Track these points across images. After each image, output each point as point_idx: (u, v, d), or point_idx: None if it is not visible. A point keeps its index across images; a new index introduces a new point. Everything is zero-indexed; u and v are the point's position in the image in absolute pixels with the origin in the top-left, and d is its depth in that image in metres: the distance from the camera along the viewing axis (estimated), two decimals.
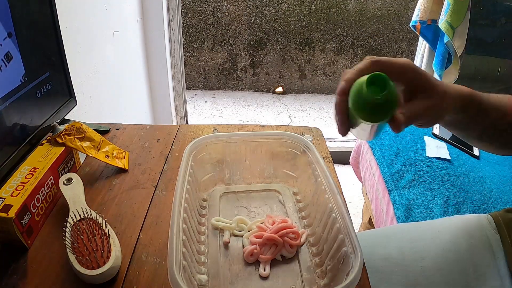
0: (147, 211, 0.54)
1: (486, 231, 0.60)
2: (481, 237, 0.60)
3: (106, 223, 0.46)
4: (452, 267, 0.58)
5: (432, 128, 1.19)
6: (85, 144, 0.59)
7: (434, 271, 0.58)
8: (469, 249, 0.59)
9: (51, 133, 0.59)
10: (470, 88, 0.46)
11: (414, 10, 1.54)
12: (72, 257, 0.41)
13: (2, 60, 0.49)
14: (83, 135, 0.59)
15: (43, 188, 0.50)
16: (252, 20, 2.67)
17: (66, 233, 0.43)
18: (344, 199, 0.49)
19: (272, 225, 0.49)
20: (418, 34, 1.55)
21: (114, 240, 0.45)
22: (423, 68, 1.61)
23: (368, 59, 0.41)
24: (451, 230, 0.63)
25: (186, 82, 1.92)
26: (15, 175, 0.49)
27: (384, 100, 0.36)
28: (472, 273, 0.56)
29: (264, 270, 0.45)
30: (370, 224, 1.24)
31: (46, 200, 0.51)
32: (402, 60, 0.41)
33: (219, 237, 0.50)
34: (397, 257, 0.60)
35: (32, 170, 0.50)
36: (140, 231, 0.50)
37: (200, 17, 2.67)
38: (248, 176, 0.60)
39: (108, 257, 0.42)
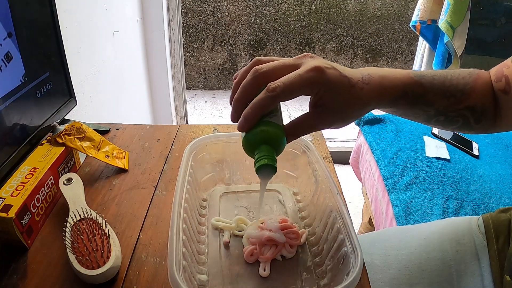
0: (147, 211, 0.54)
1: (474, 237, 0.59)
2: (468, 243, 0.58)
3: (106, 223, 0.46)
4: (436, 276, 0.56)
5: (432, 128, 1.19)
6: (85, 144, 0.59)
7: (419, 279, 0.57)
8: (455, 256, 0.57)
9: (51, 133, 0.59)
10: (413, 78, 0.44)
11: (414, 10, 1.54)
12: (72, 257, 0.41)
13: (2, 60, 0.49)
14: (83, 135, 0.59)
15: (43, 188, 0.50)
16: (252, 20, 2.67)
17: (66, 233, 0.43)
18: (344, 199, 0.49)
19: None
20: (418, 34, 1.55)
21: (114, 240, 0.45)
22: (423, 69, 1.61)
23: (252, 73, 0.40)
24: (438, 236, 0.61)
25: (186, 82, 1.92)
26: (15, 175, 0.49)
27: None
28: (456, 283, 0.55)
29: (264, 270, 0.45)
30: (370, 224, 1.24)
31: (46, 200, 0.51)
32: (306, 80, 0.38)
33: (219, 237, 0.50)
34: (381, 265, 0.60)
35: (32, 170, 0.50)
36: (140, 231, 0.50)
37: (200, 17, 2.67)
38: (248, 176, 0.60)
39: (108, 257, 0.42)
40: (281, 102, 0.42)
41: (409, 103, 0.44)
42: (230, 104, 0.42)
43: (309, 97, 0.42)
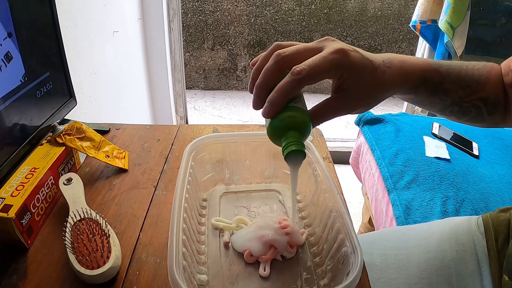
0: (147, 211, 0.54)
1: (474, 237, 0.58)
2: (468, 243, 0.58)
3: (106, 223, 0.46)
4: (435, 276, 0.56)
5: (432, 128, 1.19)
6: (85, 144, 0.59)
7: (418, 279, 0.57)
8: (454, 256, 0.57)
9: (51, 133, 0.59)
10: (432, 66, 0.44)
11: (414, 10, 1.54)
12: (72, 257, 0.41)
13: (2, 60, 0.49)
14: (83, 135, 0.59)
15: (43, 188, 0.50)
16: (252, 20, 2.67)
17: (66, 233, 0.43)
18: (344, 199, 0.49)
19: None
20: (418, 34, 1.55)
21: (114, 240, 0.45)
22: None
23: (274, 57, 0.38)
24: (438, 236, 0.61)
25: (186, 82, 1.92)
26: (15, 175, 0.49)
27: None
28: (455, 283, 0.55)
29: (264, 270, 0.45)
30: (370, 224, 1.24)
31: (46, 200, 0.51)
32: (330, 62, 0.37)
33: (219, 237, 0.50)
34: (381, 265, 0.60)
35: (32, 170, 0.50)
36: (140, 231, 0.50)
37: (200, 17, 2.67)
38: (248, 176, 0.60)
39: (108, 257, 0.42)
40: None
41: (428, 91, 0.44)
42: (250, 91, 0.41)
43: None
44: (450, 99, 0.45)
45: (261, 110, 0.39)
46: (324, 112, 0.40)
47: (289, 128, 0.39)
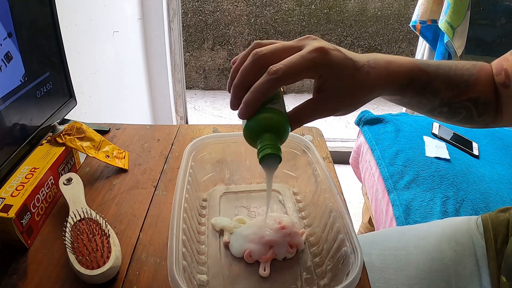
0: (147, 211, 0.54)
1: (473, 237, 0.58)
2: (467, 243, 0.58)
3: (106, 223, 0.46)
4: (435, 276, 0.56)
5: (432, 128, 1.19)
6: (85, 144, 0.59)
7: (417, 280, 0.56)
8: (453, 257, 0.57)
9: (51, 133, 0.59)
10: (419, 66, 0.43)
11: (414, 10, 1.54)
12: (72, 257, 0.41)
13: (2, 60, 0.49)
14: (83, 135, 0.59)
15: (43, 188, 0.50)
16: (252, 20, 2.67)
17: (66, 233, 0.43)
18: (344, 199, 0.49)
19: None
20: (418, 34, 1.55)
21: (114, 240, 0.45)
22: None
23: (251, 56, 0.37)
24: (437, 236, 0.61)
25: (186, 82, 1.92)
26: (15, 175, 0.49)
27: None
28: (454, 283, 0.55)
29: (264, 270, 0.45)
30: (370, 224, 1.24)
31: (46, 200, 0.51)
32: (308, 61, 0.36)
33: (219, 237, 0.50)
34: (380, 266, 0.60)
35: (32, 170, 0.50)
36: (140, 231, 0.50)
37: (200, 17, 2.67)
38: (248, 176, 0.60)
39: (108, 257, 0.42)
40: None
41: (415, 91, 0.43)
42: (229, 91, 0.40)
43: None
44: (439, 100, 0.45)
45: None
46: (305, 114, 0.39)
47: (265, 130, 0.37)
